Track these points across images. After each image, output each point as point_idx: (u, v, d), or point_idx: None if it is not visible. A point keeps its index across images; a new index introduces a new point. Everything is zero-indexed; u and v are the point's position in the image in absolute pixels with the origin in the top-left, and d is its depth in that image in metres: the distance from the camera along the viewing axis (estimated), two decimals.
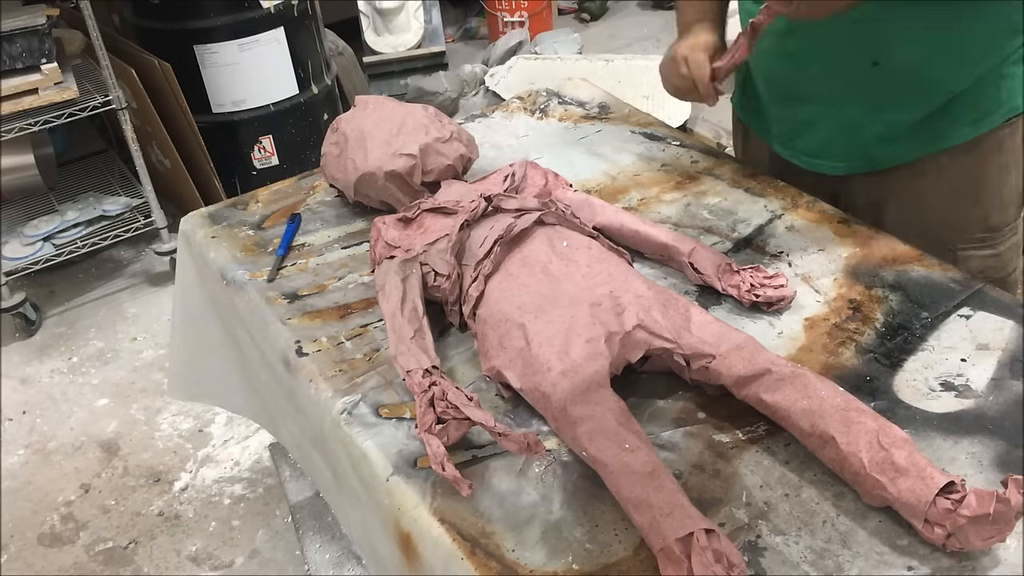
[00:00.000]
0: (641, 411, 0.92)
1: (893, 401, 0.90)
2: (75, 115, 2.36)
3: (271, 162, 2.85)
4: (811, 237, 1.16)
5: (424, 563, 0.85)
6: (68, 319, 2.62)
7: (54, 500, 2.03)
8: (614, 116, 1.51)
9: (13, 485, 2.08)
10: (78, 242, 2.56)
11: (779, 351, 0.97)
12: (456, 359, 1.02)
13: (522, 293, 0.98)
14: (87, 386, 2.37)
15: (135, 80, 2.55)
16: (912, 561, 0.75)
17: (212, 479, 2.05)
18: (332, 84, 2.98)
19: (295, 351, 1.06)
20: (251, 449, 2.11)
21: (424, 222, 1.13)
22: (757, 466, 0.85)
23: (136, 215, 2.65)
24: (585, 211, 1.15)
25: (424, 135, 1.22)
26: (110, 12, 2.86)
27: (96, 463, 2.12)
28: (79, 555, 1.90)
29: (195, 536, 1.92)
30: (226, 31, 2.64)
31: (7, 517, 1.99)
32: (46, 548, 1.92)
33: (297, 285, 1.17)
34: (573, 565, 0.78)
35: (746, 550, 0.77)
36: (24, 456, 2.16)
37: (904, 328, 1.00)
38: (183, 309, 1.39)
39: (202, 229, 1.31)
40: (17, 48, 2.24)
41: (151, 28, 2.70)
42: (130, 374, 2.39)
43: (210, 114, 2.75)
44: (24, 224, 2.60)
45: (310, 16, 2.82)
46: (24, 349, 2.52)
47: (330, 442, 1.00)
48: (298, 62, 2.78)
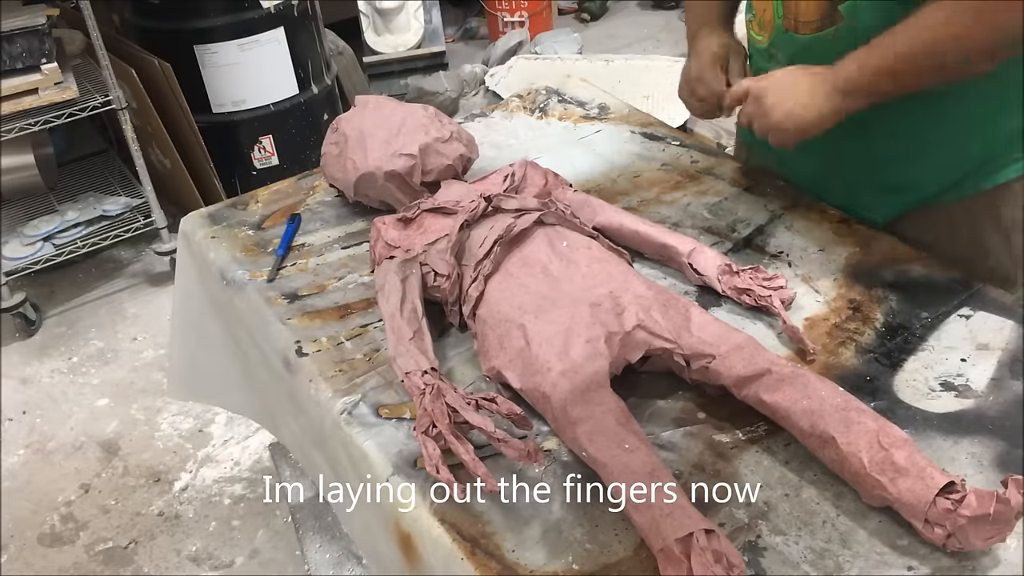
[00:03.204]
0: (641, 411, 0.92)
1: (893, 401, 0.90)
2: (75, 115, 2.35)
3: (271, 162, 2.85)
4: (811, 237, 1.15)
5: (424, 563, 0.85)
6: (68, 319, 2.62)
7: (54, 500, 2.03)
8: (614, 116, 1.51)
9: (13, 485, 2.08)
10: (78, 242, 2.56)
11: (779, 351, 0.97)
12: (456, 359, 1.02)
13: (522, 293, 0.98)
14: (87, 386, 2.37)
15: (135, 80, 2.55)
16: (912, 561, 0.75)
17: (212, 479, 2.05)
18: (332, 84, 2.98)
19: (295, 351, 1.06)
20: (251, 449, 2.11)
21: (424, 222, 1.13)
22: (757, 466, 0.85)
23: (136, 215, 2.65)
24: (585, 211, 1.15)
25: (424, 135, 1.22)
26: (110, 12, 2.86)
27: (96, 463, 2.12)
28: (79, 555, 1.90)
29: (195, 536, 1.92)
30: (226, 31, 2.64)
31: (7, 517, 1.99)
32: (46, 548, 1.92)
33: (297, 285, 1.17)
34: (573, 565, 0.78)
35: (746, 550, 0.77)
36: (24, 456, 2.16)
37: (904, 328, 1.00)
38: (183, 309, 1.39)
39: (202, 229, 1.31)
40: (17, 48, 2.24)
41: (151, 28, 2.70)
42: (130, 374, 2.39)
43: (210, 114, 2.75)
44: (24, 224, 2.59)
45: (310, 16, 2.82)
46: (24, 349, 2.52)
47: (330, 442, 1.00)
48: (298, 62, 2.78)
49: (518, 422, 0.86)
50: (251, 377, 1.26)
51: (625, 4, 4.44)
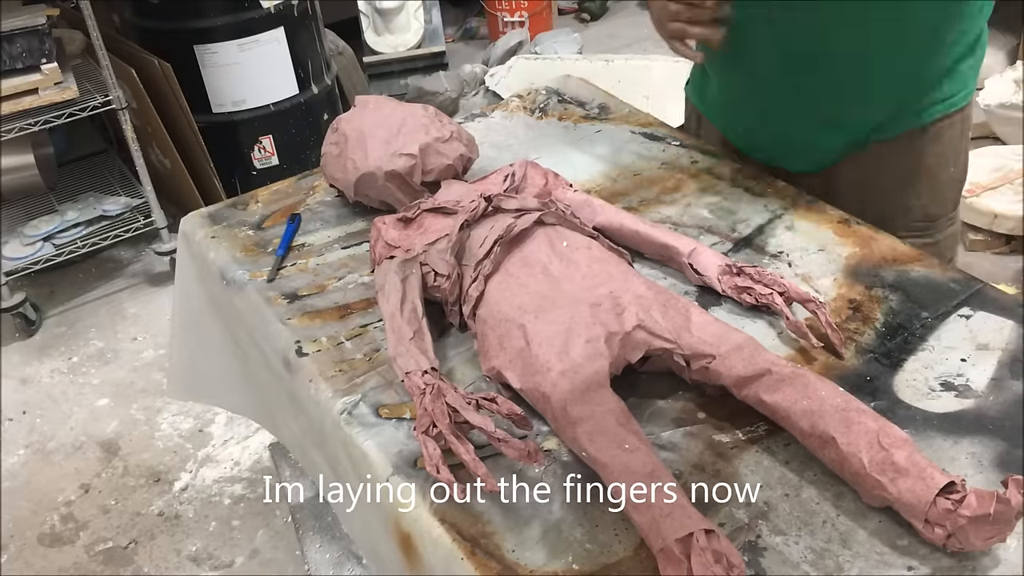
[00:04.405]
0: (641, 411, 0.92)
1: (893, 401, 0.90)
2: (75, 115, 2.36)
3: (271, 162, 2.85)
4: (811, 237, 1.16)
5: (424, 563, 0.85)
6: (68, 319, 2.62)
7: (54, 500, 2.03)
8: (614, 116, 1.51)
9: (13, 485, 2.08)
10: (78, 242, 2.56)
11: (779, 351, 0.97)
12: (456, 359, 1.02)
13: (522, 293, 0.98)
14: (87, 386, 2.37)
15: (135, 80, 2.55)
16: (912, 561, 0.75)
17: (212, 479, 2.05)
18: (332, 84, 2.98)
19: (295, 351, 1.06)
20: (251, 449, 2.11)
21: (424, 222, 1.13)
22: (757, 466, 0.85)
23: (136, 215, 2.65)
24: (585, 211, 1.15)
25: (424, 135, 1.22)
26: (110, 12, 2.86)
27: (96, 463, 2.12)
28: (79, 555, 1.90)
29: (195, 536, 1.92)
30: (226, 31, 2.64)
31: (7, 517, 1.99)
32: (46, 548, 1.92)
33: (297, 285, 1.17)
34: (573, 565, 0.78)
35: (746, 550, 0.77)
36: (24, 456, 2.16)
37: (904, 328, 1.00)
38: (183, 309, 1.39)
39: (202, 229, 1.31)
40: (17, 48, 2.24)
41: (151, 28, 2.70)
42: (130, 374, 2.39)
43: (210, 114, 2.75)
44: (24, 224, 2.60)
45: (310, 16, 2.82)
46: (24, 349, 2.52)
47: (330, 442, 1.00)
48: (298, 62, 2.78)
49: (518, 422, 0.86)
50: (251, 377, 1.26)
51: (625, 4, 4.44)
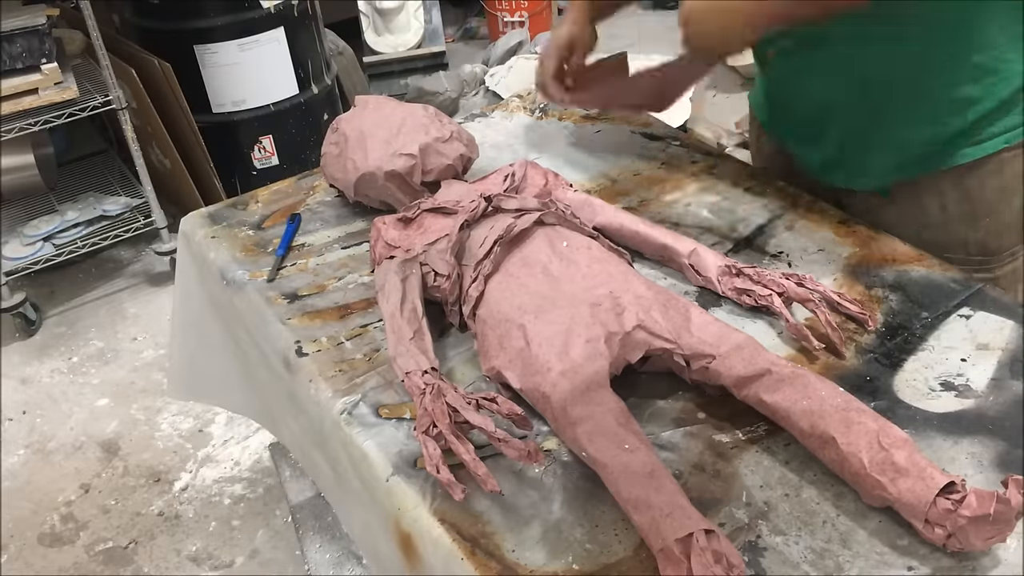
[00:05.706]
0: (641, 411, 0.92)
1: (893, 401, 0.90)
2: (75, 115, 2.36)
3: (271, 162, 2.85)
4: (811, 237, 1.16)
5: (424, 563, 0.85)
6: (68, 319, 2.62)
7: (54, 500, 2.03)
8: (614, 116, 1.51)
9: (13, 485, 2.08)
10: (78, 242, 2.56)
11: (779, 351, 0.97)
12: (456, 359, 1.02)
13: (522, 293, 0.98)
14: (87, 386, 2.37)
15: (135, 80, 2.55)
16: (912, 561, 0.75)
17: (212, 479, 2.05)
18: (332, 84, 2.98)
19: (295, 351, 1.06)
20: (251, 449, 2.11)
21: (424, 222, 1.13)
22: (757, 466, 0.85)
23: (136, 215, 2.65)
24: (585, 211, 1.15)
25: (424, 135, 1.22)
26: (110, 12, 2.86)
27: (96, 463, 2.12)
28: (79, 555, 1.90)
29: (195, 536, 1.92)
30: (226, 31, 2.64)
31: (7, 517, 1.99)
32: (46, 548, 1.92)
33: (297, 285, 1.17)
34: (573, 565, 0.78)
35: (746, 550, 0.77)
36: (24, 456, 2.16)
37: (904, 328, 1.00)
38: (183, 309, 1.39)
39: (202, 229, 1.31)
40: (17, 48, 2.24)
41: (151, 28, 2.70)
42: (130, 374, 2.39)
43: (210, 114, 2.75)
44: (24, 224, 2.60)
45: (310, 16, 2.82)
46: (24, 349, 2.52)
47: (330, 442, 1.00)
48: (298, 62, 2.78)
49: (518, 422, 0.86)
50: (251, 377, 1.26)
51: None
